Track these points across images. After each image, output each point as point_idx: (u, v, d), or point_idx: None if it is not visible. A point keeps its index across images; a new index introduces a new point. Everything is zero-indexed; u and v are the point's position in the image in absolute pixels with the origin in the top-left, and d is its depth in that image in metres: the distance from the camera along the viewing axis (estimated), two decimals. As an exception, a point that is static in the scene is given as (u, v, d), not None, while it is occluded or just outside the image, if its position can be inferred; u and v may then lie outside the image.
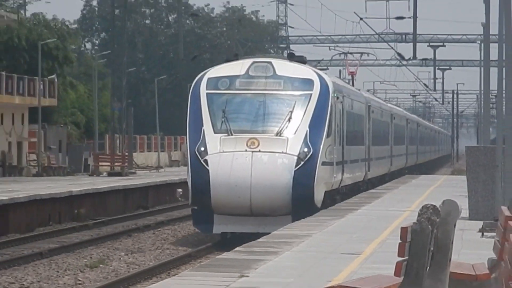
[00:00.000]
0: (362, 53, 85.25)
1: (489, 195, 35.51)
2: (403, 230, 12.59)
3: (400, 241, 12.39)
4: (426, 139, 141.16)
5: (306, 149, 38.68)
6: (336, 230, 33.73)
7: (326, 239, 30.67)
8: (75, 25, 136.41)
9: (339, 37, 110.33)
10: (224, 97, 40.11)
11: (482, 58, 56.80)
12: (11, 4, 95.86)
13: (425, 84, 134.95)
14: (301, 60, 44.15)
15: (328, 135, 40.84)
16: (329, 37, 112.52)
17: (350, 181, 52.51)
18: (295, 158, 38.79)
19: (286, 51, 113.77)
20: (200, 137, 38.38)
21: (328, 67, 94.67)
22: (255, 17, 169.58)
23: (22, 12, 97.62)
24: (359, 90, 68.73)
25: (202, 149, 37.85)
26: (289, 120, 39.45)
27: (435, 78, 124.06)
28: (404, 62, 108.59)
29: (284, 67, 41.37)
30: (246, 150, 37.94)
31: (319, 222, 36.99)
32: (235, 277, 21.13)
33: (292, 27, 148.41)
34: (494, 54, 40.19)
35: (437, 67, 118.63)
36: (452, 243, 13.35)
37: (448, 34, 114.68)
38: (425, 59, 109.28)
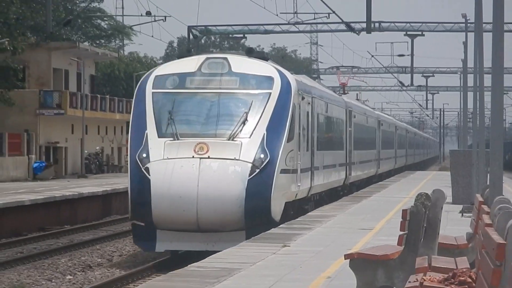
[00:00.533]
0: (353, 67, 63.86)
1: (467, 186, 36.09)
2: (404, 212, 13.27)
3: (401, 219, 13.16)
4: (416, 144, 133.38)
5: (262, 155, 28.06)
6: (354, 211, 33.94)
7: (347, 218, 30.98)
8: (161, 61, 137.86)
9: (356, 69, 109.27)
10: (172, 97, 29.48)
11: (462, 85, 56.33)
12: (113, 45, 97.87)
13: (419, 104, 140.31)
14: (261, 56, 33.01)
15: (289, 139, 29.69)
16: (349, 69, 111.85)
17: (324, 187, 39.61)
18: (249, 165, 28.01)
19: (317, 80, 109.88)
20: (142, 142, 28.03)
21: (348, 92, 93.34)
22: (294, 54, 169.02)
23: (121, 51, 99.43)
24: (341, 95, 52.51)
25: (144, 155, 27.60)
26: (244, 122, 28.83)
27: (427, 100, 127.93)
28: (404, 88, 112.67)
29: (241, 64, 30.40)
30: (193, 157, 27.62)
31: (341, 206, 36.83)
32: (279, 246, 21.74)
33: (322, 62, 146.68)
34: (470, 82, 40.96)
35: (428, 92, 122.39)
36: (440, 221, 14.58)
37: (437, 67, 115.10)
38: (420, 86, 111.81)
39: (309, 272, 17.06)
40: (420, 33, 68.09)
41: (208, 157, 26.87)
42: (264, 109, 28.04)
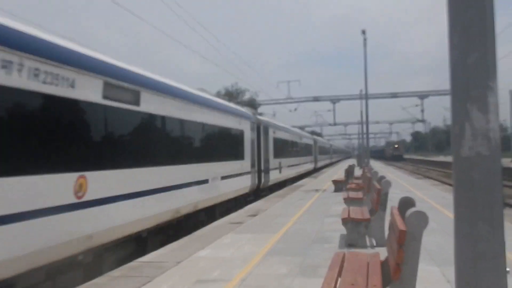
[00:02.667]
0: None
1: (361, 162, 44.32)
2: (345, 170, 21.95)
3: (345, 171, 21.67)
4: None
5: None
6: (333, 169, 43.15)
7: (332, 170, 40.10)
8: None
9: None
10: None
11: (359, 134, 64.02)
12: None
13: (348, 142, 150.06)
14: None
15: None
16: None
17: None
18: None
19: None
20: None
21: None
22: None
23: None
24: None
25: None
26: None
27: (349, 139, 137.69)
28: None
29: None
30: None
31: (333, 167, 47.38)
32: (314, 177, 29.94)
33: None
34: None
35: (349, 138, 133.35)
36: (354, 170, 23.08)
37: (348, 121, 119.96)
38: (347, 134, 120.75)
39: (323, 184, 23.84)
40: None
41: None
42: None
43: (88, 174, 7.33)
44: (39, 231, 6.19)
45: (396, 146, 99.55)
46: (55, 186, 6.54)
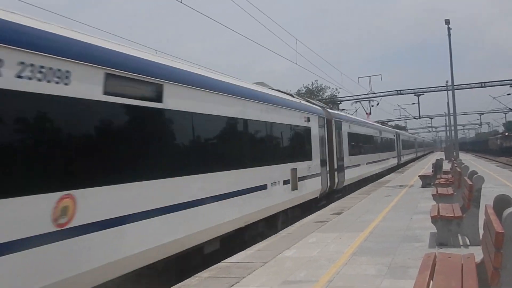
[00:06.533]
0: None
1: (449, 155, 37.57)
2: (433, 164, 21.03)
3: (432, 166, 21.41)
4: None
5: None
6: (419, 164, 40.61)
7: (417, 165, 37.48)
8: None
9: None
10: None
11: (446, 126, 61.88)
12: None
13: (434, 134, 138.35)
14: None
15: None
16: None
17: None
18: None
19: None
20: None
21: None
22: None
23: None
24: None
25: None
26: None
27: (436, 132, 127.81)
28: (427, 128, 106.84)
29: None
30: None
31: (416, 162, 44.21)
32: (400, 173, 28.52)
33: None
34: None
35: (435, 130, 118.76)
36: (442, 164, 21.03)
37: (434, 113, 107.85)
38: (433, 127, 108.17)
39: (409, 179, 22.87)
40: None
41: None
42: None
43: None
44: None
45: (507, 134, 72.59)
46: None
